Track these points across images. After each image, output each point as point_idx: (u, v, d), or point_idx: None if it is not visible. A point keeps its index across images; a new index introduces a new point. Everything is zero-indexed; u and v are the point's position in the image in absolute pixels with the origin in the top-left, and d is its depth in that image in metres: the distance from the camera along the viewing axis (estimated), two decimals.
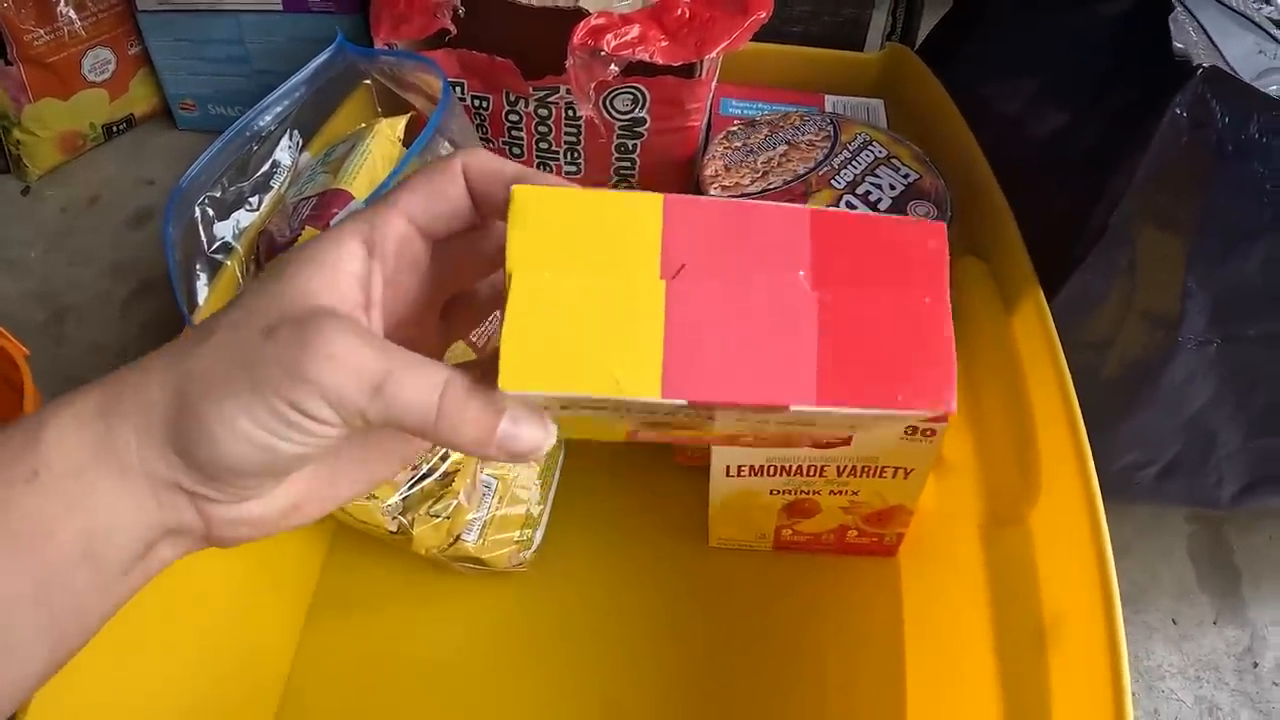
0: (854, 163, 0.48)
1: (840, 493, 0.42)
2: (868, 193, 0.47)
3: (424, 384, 0.20)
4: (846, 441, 0.27)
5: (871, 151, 0.49)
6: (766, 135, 0.50)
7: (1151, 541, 0.58)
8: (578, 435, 0.29)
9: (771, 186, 0.47)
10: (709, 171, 0.47)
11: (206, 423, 0.20)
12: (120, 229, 0.69)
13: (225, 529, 0.23)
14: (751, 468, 0.42)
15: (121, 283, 0.66)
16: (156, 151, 0.73)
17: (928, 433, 0.34)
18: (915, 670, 0.46)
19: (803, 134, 0.50)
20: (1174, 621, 0.56)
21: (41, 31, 0.64)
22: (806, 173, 0.48)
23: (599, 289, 0.21)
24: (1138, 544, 0.58)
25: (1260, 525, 0.60)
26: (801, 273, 0.22)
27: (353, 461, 0.25)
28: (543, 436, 0.22)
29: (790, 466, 0.42)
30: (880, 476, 0.39)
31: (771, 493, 0.43)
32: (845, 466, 0.40)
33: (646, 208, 0.22)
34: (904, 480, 0.39)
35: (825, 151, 0.49)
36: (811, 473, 0.42)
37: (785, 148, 0.49)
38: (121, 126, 0.72)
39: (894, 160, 0.49)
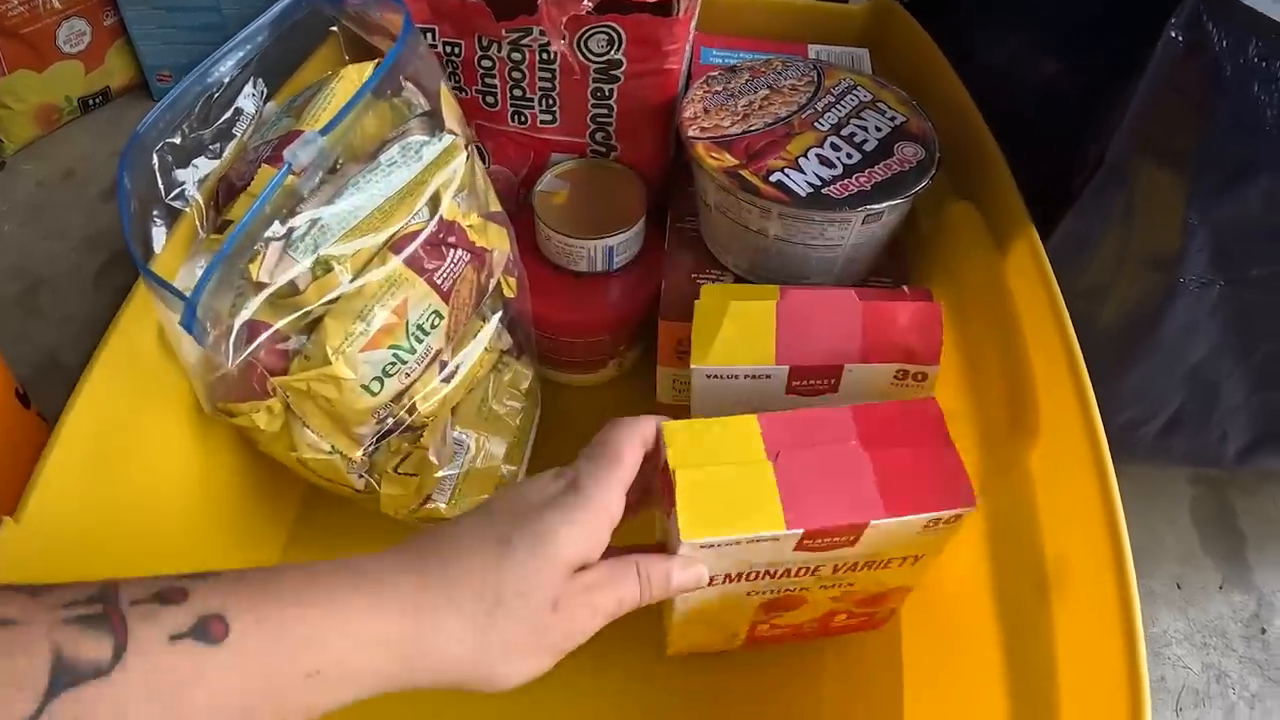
0: (838, 106, 0.47)
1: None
2: (852, 134, 0.45)
3: (633, 588, 0.31)
4: (853, 543, 0.34)
5: (856, 96, 0.47)
6: (748, 80, 0.48)
7: (1154, 504, 0.56)
8: (703, 641, 0.42)
9: (752, 129, 0.45)
10: (688, 114, 0.46)
11: (497, 678, 0.28)
12: (94, 202, 0.67)
13: None
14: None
15: (94, 255, 0.65)
16: (133, 124, 0.71)
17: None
18: (910, 625, 0.44)
19: (785, 79, 0.48)
20: (1179, 586, 0.54)
21: (15, 1, 0.63)
22: (789, 115, 0.46)
23: (731, 473, 0.33)
24: (1139, 507, 0.56)
25: (1265, 488, 0.58)
26: (853, 441, 0.34)
27: None
28: (703, 571, 0.33)
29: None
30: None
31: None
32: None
33: (748, 422, 0.34)
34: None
35: (809, 95, 0.47)
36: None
37: (767, 92, 0.47)
38: (98, 99, 0.71)
39: (880, 104, 0.47)
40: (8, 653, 0.19)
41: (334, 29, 0.49)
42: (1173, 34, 0.39)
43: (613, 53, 0.46)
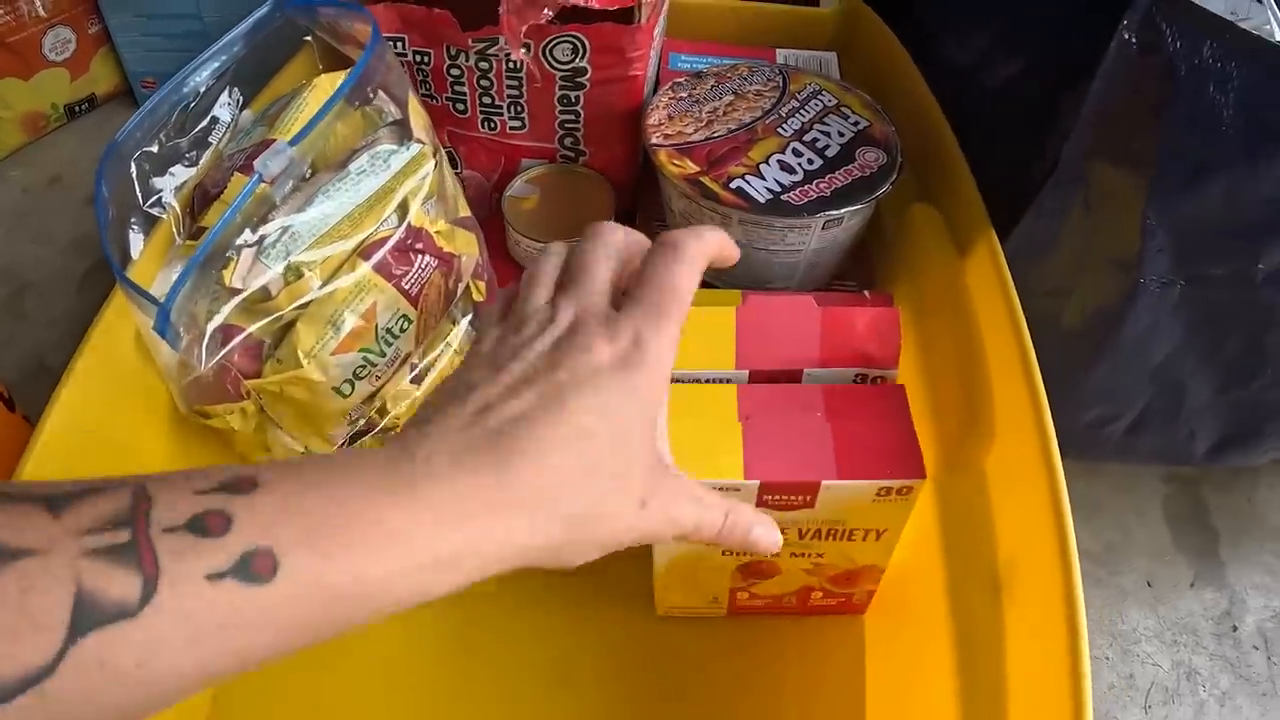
0: (802, 111, 0.47)
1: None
2: (815, 140, 0.46)
3: (715, 520, 0.28)
4: (809, 504, 0.36)
5: (821, 100, 0.48)
6: (713, 85, 0.49)
7: (1125, 501, 0.57)
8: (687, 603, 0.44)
9: (715, 135, 0.46)
10: (652, 120, 0.46)
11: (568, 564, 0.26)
12: (80, 207, 0.68)
13: None
14: None
15: (80, 259, 0.65)
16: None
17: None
18: (872, 623, 0.44)
19: (750, 84, 0.49)
20: (1149, 584, 0.54)
21: (1, 11, 0.64)
22: (752, 121, 0.46)
23: (703, 427, 0.36)
24: (1111, 504, 0.57)
25: (1239, 485, 0.58)
26: (819, 413, 0.37)
27: None
28: (778, 535, 0.30)
29: None
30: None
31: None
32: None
33: (726, 390, 0.37)
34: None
35: (773, 101, 0.48)
36: None
37: (732, 98, 0.48)
38: (84, 106, 0.72)
39: (844, 108, 0.48)
40: (27, 588, 0.18)
41: (308, 39, 0.50)
42: (1126, 35, 0.39)
43: (577, 61, 0.47)
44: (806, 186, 0.43)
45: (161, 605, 0.19)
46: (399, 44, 0.49)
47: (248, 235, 0.41)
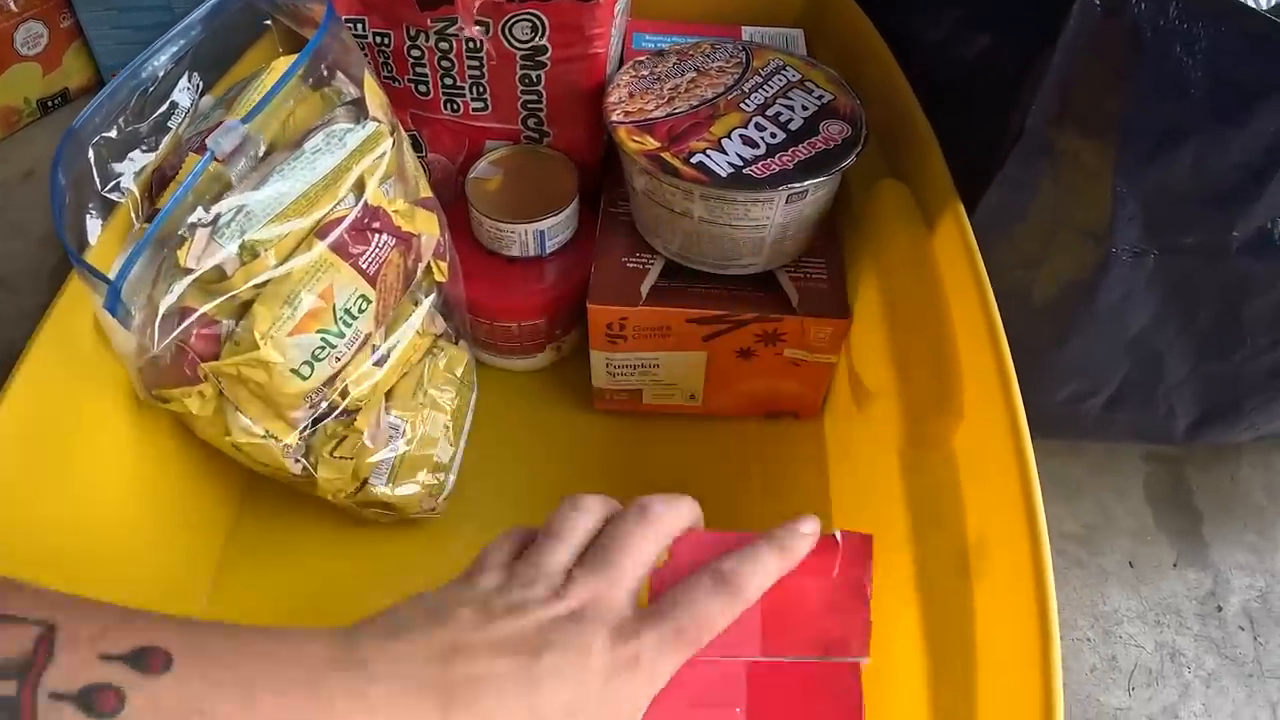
0: (765, 87, 0.47)
1: None
2: (778, 114, 0.45)
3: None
4: None
5: (785, 76, 0.47)
6: (675, 63, 0.48)
7: (1106, 481, 0.56)
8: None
9: (677, 111, 0.45)
10: (612, 99, 0.46)
11: None
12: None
13: None
14: None
15: (52, 253, 0.65)
16: None
17: None
18: None
19: (713, 61, 0.48)
20: (1131, 564, 0.54)
21: None
22: (714, 97, 0.46)
23: None
24: (1092, 484, 0.56)
25: (1222, 464, 0.57)
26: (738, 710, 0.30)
27: None
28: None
29: None
30: None
31: None
32: None
33: None
34: None
35: (735, 77, 0.47)
36: None
37: (694, 75, 0.47)
38: (56, 101, 0.71)
39: (808, 83, 0.47)
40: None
41: (268, 23, 0.50)
42: None
43: (537, 39, 0.46)
44: (769, 160, 0.42)
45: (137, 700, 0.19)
46: (359, 25, 0.48)
47: (201, 214, 0.41)
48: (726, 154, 0.43)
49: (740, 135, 0.44)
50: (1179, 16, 0.39)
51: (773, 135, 0.44)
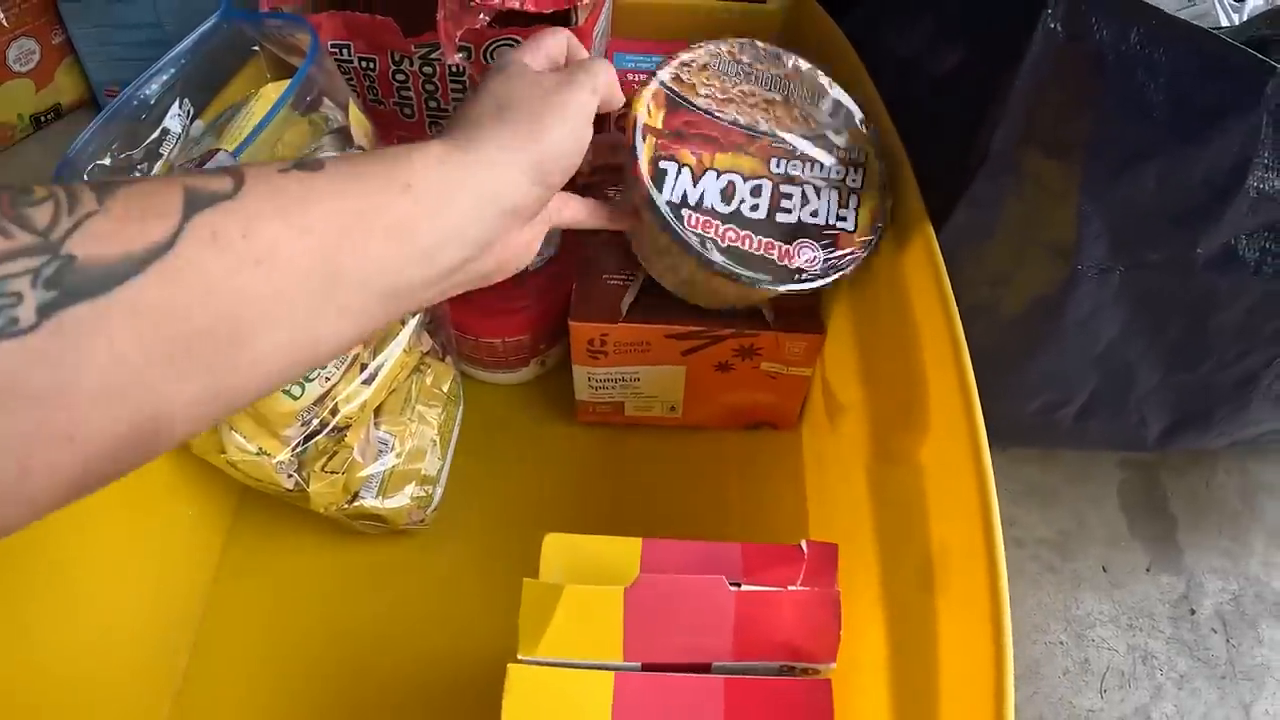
0: (806, 162, 0.44)
1: None
2: (789, 195, 0.43)
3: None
4: None
5: (833, 167, 0.45)
6: (772, 76, 0.45)
7: (1081, 488, 0.57)
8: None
9: (715, 114, 0.43)
10: (685, 56, 0.43)
11: (549, 132, 0.31)
12: None
13: (502, 245, 0.31)
14: None
15: None
16: None
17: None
18: None
19: (798, 104, 0.45)
20: (1104, 569, 0.55)
21: None
22: (756, 132, 0.43)
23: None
24: (1067, 491, 0.57)
25: (1197, 470, 0.58)
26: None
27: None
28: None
29: None
30: None
31: None
32: None
33: (600, 682, 0.32)
34: None
35: (795, 131, 0.45)
36: None
37: (772, 98, 0.44)
38: (49, 116, 0.72)
39: (851, 193, 0.45)
40: (145, 191, 0.22)
41: (256, 49, 0.51)
42: (1051, 24, 0.40)
43: None
44: (768, 241, 0.41)
45: (250, 189, 0.23)
46: (344, 50, 0.49)
47: None
48: (726, 200, 0.41)
49: (751, 186, 0.42)
50: (1140, 41, 0.40)
51: (783, 211, 0.42)
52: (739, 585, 0.34)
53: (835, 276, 0.42)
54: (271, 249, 0.23)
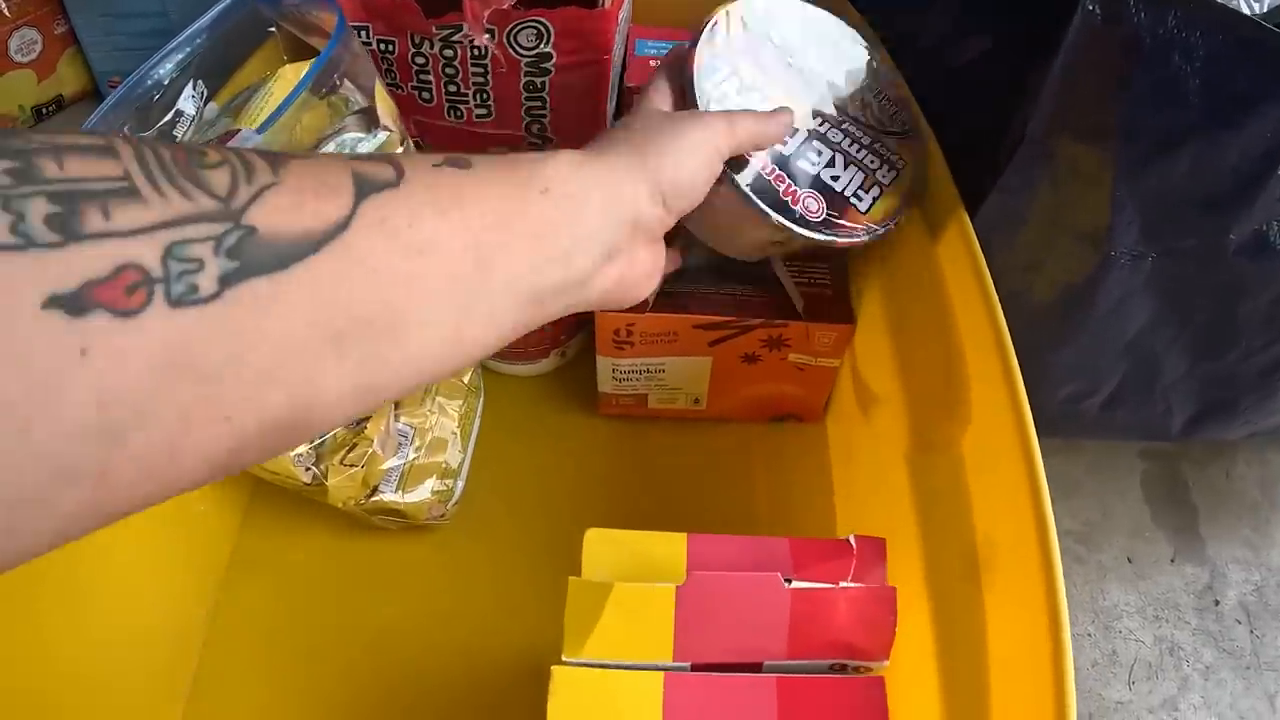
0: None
1: None
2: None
3: (755, 121, 0.37)
4: None
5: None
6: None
7: (1104, 479, 0.57)
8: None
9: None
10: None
11: (678, 155, 0.32)
12: None
13: (625, 259, 0.31)
14: None
15: None
16: None
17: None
18: None
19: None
20: (1129, 560, 0.54)
21: None
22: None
23: None
24: (1090, 481, 0.57)
25: (1218, 460, 0.58)
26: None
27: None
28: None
29: None
30: None
31: None
32: None
33: (649, 683, 0.31)
34: None
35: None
36: None
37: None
38: (51, 108, 0.71)
39: (888, 153, 0.45)
40: (318, 169, 0.22)
41: (273, 30, 0.50)
42: (1089, 6, 0.39)
43: (542, 46, 0.46)
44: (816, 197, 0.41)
45: (412, 179, 0.24)
46: (363, 32, 0.48)
47: None
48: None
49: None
50: (1178, 26, 0.39)
51: (807, 160, 0.41)
52: (790, 581, 0.33)
53: (828, 237, 0.40)
54: (433, 240, 0.23)
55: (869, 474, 0.47)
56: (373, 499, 0.47)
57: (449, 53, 0.47)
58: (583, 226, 0.29)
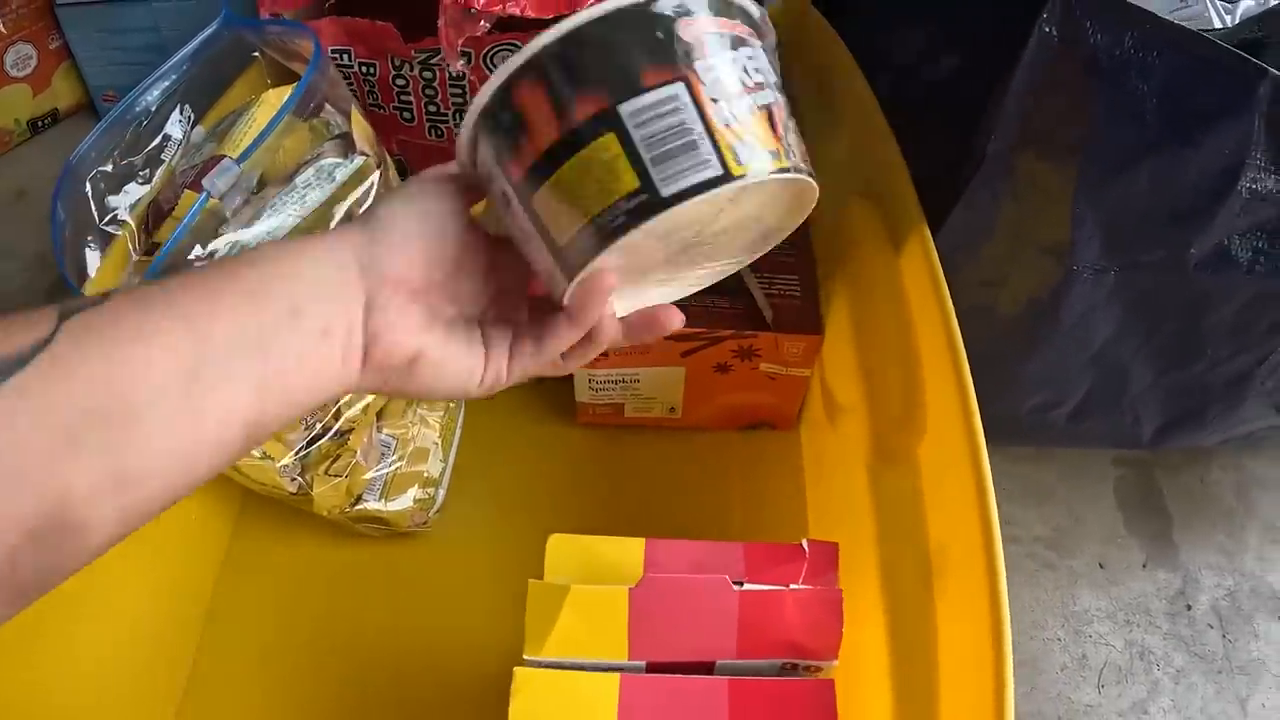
0: None
1: None
2: None
3: None
4: None
5: None
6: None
7: (1077, 486, 0.58)
8: None
9: None
10: None
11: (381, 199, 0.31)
12: (45, 222, 0.68)
13: (380, 313, 0.29)
14: None
15: (46, 273, 0.66)
16: None
17: None
18: None
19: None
20: (1101, 566, 0.55)
21: None
22: None
23: None
24: (1062, 488, 0.57)
25: (1192, 466, 0.59)
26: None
27: (460, 331, 0.32)
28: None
29: None
30: None
31: None
32: None
33: (606, 684, 0.33)
34: None
35: None
36: None
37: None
38: (46, 121, 0.72)
39: None
40: (22, 312, 0.24)
41: (256, 55, 0.51)
42: (1046, 29, 0.40)
43: None
44: None
45: (117, 295, 0.25)
46: (345, 56, 0.50)
47: (199, 250, 0.42)
48: None
49: None
50: (1134, 45, 0.40)
51: None
52: (741, 584, 0.35)
53: None
54: (140, 328, 0.25)
55: (837, 482, 0.48)
56: (357, 507, 0.48)
57: (428, 74, 0.49)
58: (301, 281, 0.28)
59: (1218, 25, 0.55)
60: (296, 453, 0.46)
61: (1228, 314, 0.47)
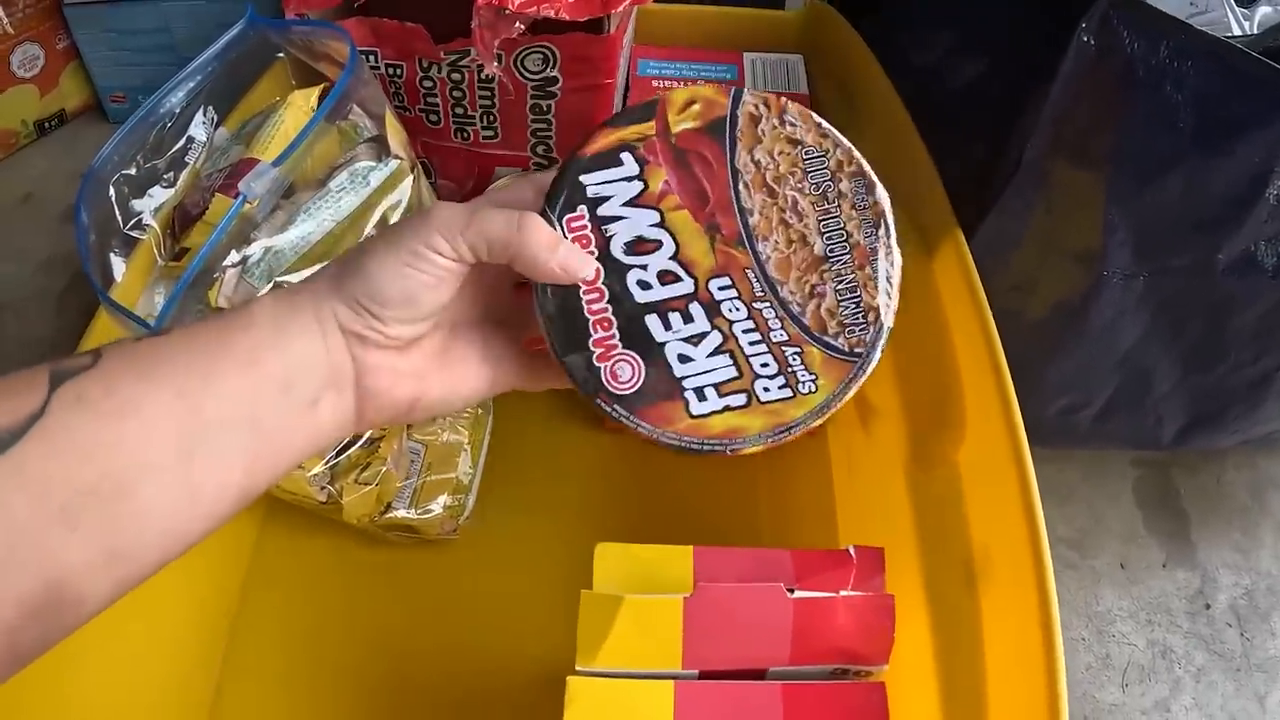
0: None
1: None
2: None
3: (502, 217, 0.29)
4: None
5: None
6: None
7: (1097, 486, 0.58)
8: None
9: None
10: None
11: (365, 266, 0.29)
12: (54, 225, 0.68)
13: (370, 375, 0.29)
14: None
15: (56, 277, 0.65)
16: (89, 146, 0.72)
17: None
18: None
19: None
20: (1122, 566, 0.56)
21: None
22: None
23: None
24: (1083, 489, 0.58)
25: (1208, 467, 0.60)
26: None
27: (457, 359, 0.32)
28: (591, 266, 0.31)
29: None
30: None
31: None
32: None
33: (660, 691, 0.33)
34: None
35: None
36: None
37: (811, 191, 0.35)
38: (54, 122, 0.71)
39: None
40: (13, 377, 0.24)
41: (281, 55, 0.50)
42: (1084, 38, 0.40)
43: (548, 70, 0.47)
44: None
45: (108, 357, 0.25)
46: (371, 57, 0.49)
47: (232, 255, 0.42)
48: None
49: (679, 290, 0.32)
50: (1169, 55, 0.41)
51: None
52: (793, 591, 0.35)
53: (617, 415, 0.34)
54: (132, 400, 0.24)
55: (869, 485, 0.48)
56: (386, 515, 0.48)
57: (456, 76, 0.48)
58: (290, 348, 0.28)
59: (1237, 32, 0.56)
60: (327, 461, 0.46)
61: (1251, 318, 0.48)
